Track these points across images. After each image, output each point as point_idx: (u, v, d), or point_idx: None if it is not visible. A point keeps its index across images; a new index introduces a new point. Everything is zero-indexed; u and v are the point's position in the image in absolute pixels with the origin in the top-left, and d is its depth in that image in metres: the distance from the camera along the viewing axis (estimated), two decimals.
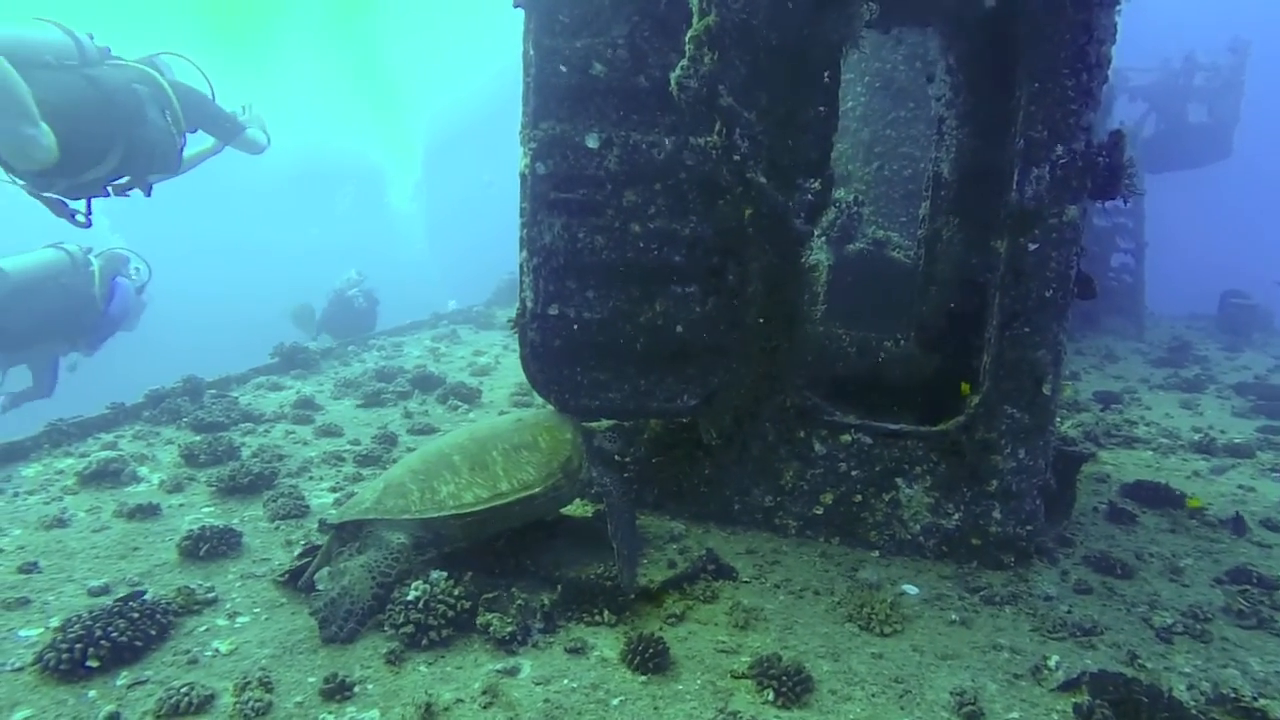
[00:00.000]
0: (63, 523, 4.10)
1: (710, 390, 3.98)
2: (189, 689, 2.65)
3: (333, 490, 4.76)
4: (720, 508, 4.28)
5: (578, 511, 4.24)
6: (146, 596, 3.27)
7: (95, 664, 2.78)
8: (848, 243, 6.60)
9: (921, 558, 4.03)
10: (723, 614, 3.38)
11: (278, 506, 4.33)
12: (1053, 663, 3.08)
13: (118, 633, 2.87)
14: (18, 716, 2.56)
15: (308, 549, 3.66)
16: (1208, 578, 4.02)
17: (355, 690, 2.74)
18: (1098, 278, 3.99)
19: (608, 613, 3.27)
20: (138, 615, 2.97)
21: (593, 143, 3.70)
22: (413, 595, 3.12)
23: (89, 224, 5.75)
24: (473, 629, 3.10)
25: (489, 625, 3.07)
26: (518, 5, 3.67)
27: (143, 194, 5.99)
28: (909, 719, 2.74)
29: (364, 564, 3.25)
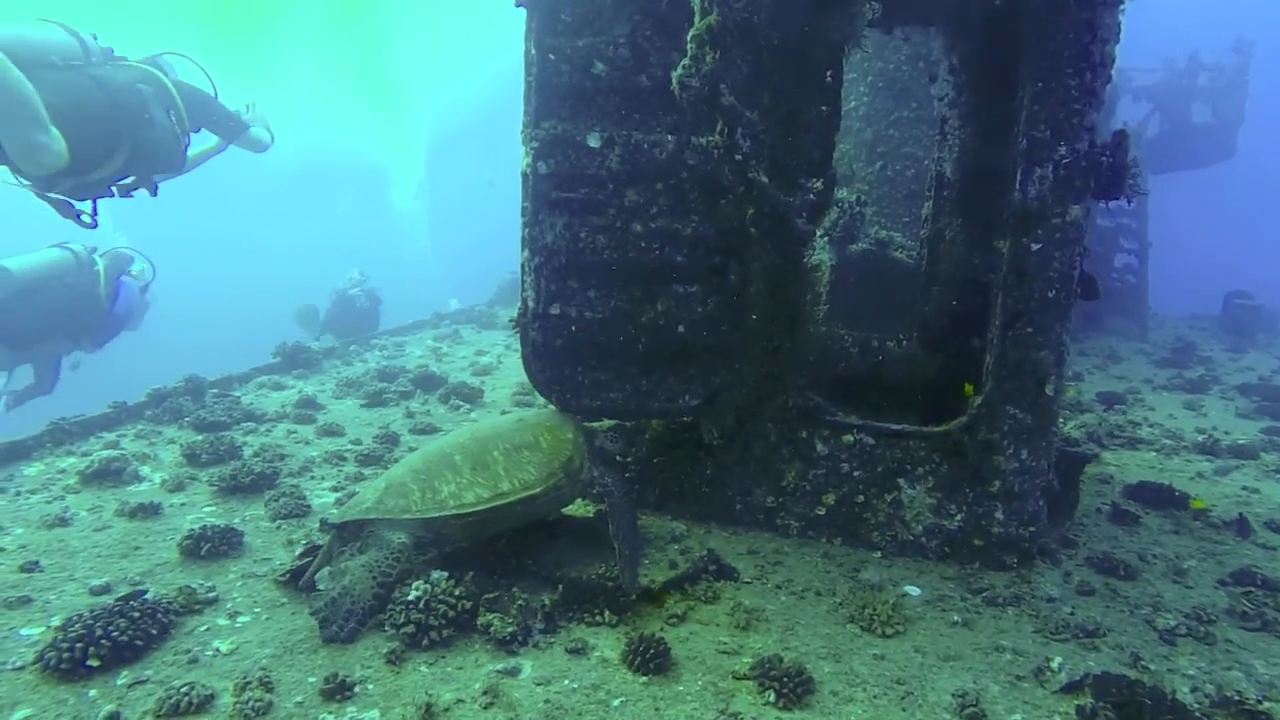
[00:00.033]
0: (64, 522, 4.10)
1: (712, 390, 3.97)
2: (189, 688, 2.65)
3: (334, 490, 4.76)
4: (722, 508, 4.28)
5: (579, 511, 4.24)
6: (147, 596, 3.28)
7: (96, 663, 2.78)
8: (850, 243, 6.59)
9: (924, 559, 4.02)
10: (724, 615, 3.38)
11: (279, 506, 4.33)
12: (1055, 664, 3.07)
13: (118, 632, 2.87)
14: (18, 715, 2.56)
15: (309, 548, 3.66)
16: (1211, 579, 4.01)
17: (355, 690, 2.74)
18: (1101, 278, 3.97)
19: (609, 613, 3.27)
20: (138, 614, 2.97)
21: (594, 142, 3.69)
22: (413, 595, 3.12)
23: (95, 225, 5.76)
24: (473, 629, 3.10)
25: (490, 625, 3.07)
26: (519, 4, 3.67)
27: (149, 193, 6.01)
28: None
29: (365, 564, 3.25)
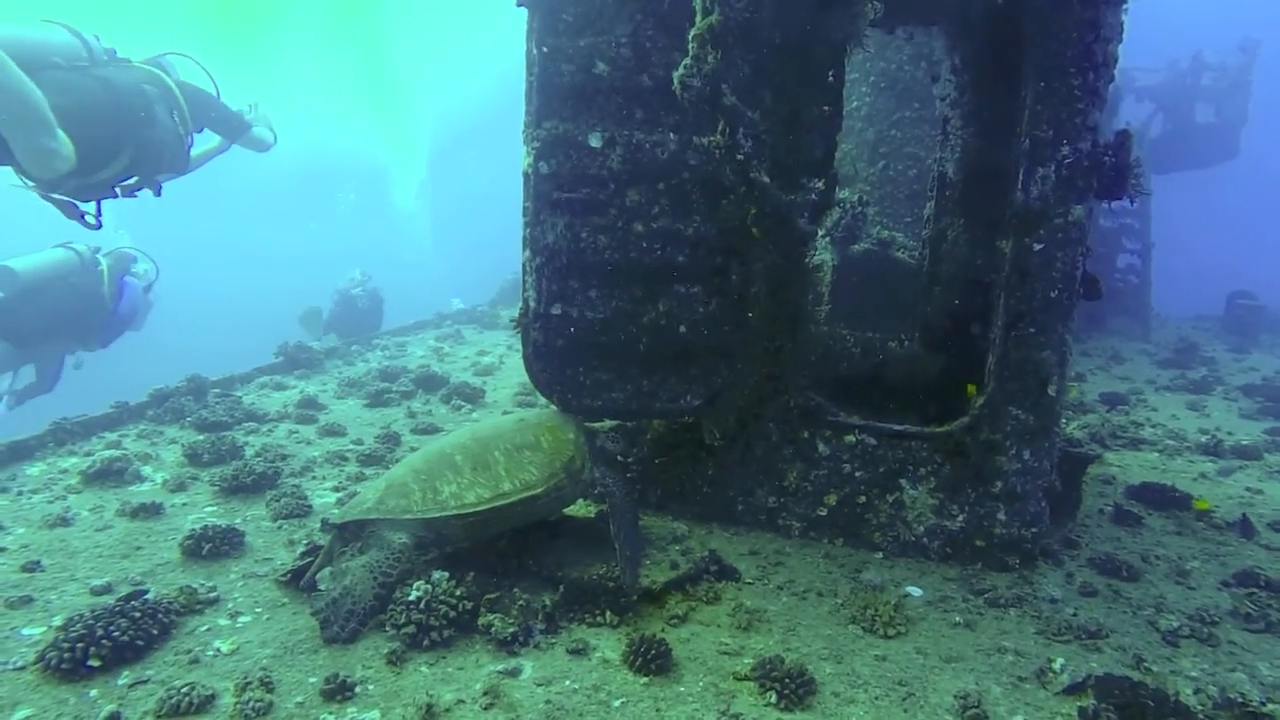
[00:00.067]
0: (66, 521, 4.11)
1: (713, 390, 3.97)
2: (190, 689, 2.65)
3: (336, 490, 4.76)
4: (723, 508, 4.27)
5: (580, 512, 4.23)
6: (149, 596, 3.28)
7: (97, 663, 2.78)
8: (852, 243, 6.58)
9: (925, 559, 4.01)
10: (725, 615, 3.37)
11: (280, 506, 4.33)
12: (1058, 666, 3.06)
13: (119, 632, 2.87)
14: (19, 715, 2.56)
15: (310, 549, 3.66)
16: (1215, 580, 4.00)
17: (356, 691, 2.73)
18: (1103, 278, 3.96)
19: (610, 614, 3.26)
20: (139, 614, 2.97)
21: (596, 142, 3.69)
22: (414, 595, 3.11)
23: (99, 225, 5.77)
24: (474, 629, 3.10)
25: (491, 626, 3.06)
26: (521, 4, 3.66)
27: (153, 194, 6.02)
28: None
29: (366, 564, 3.24)
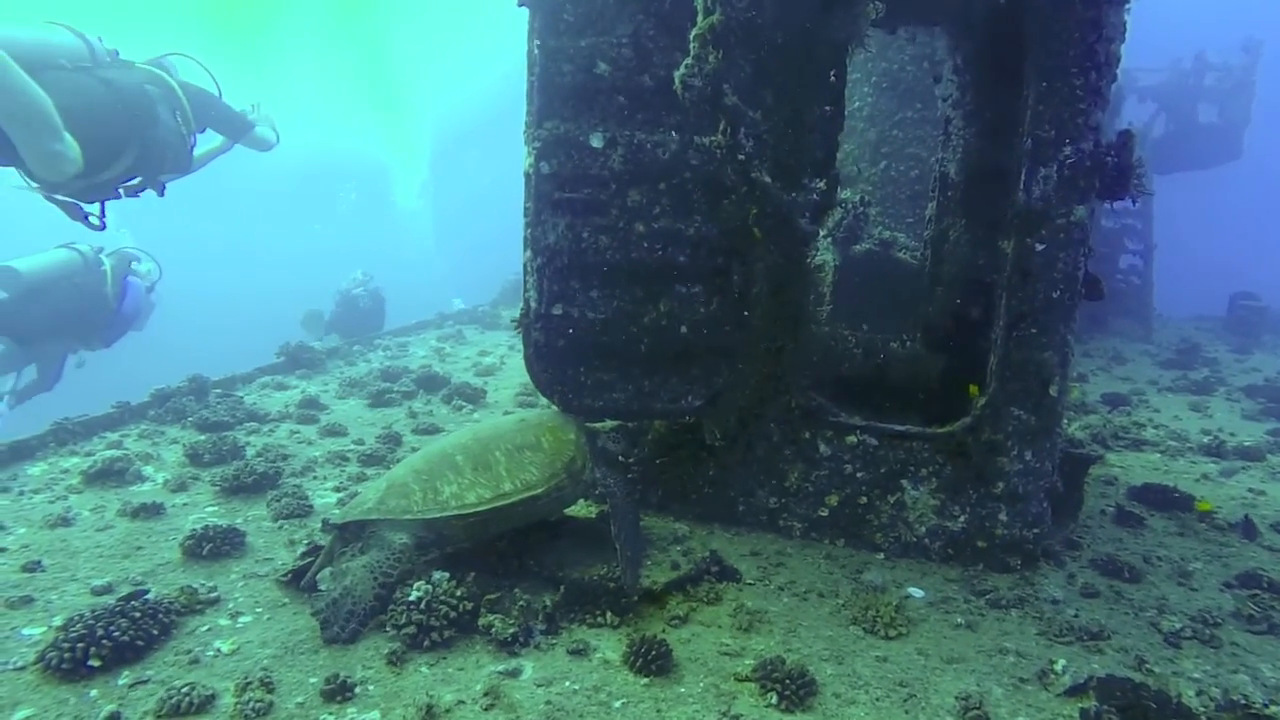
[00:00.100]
0: (67, 521, 4.11)
1: (715, 391, 3.96)
2: (190, 689, 2.65)
3: (337, 490, 4.76)
4: (724, 509, 4.26)
5: (581, 512, 4.22)
6: (149, 596, 3.28)
7: (97, 663, 2.78)
8: (854, 243, 6.57)
9: (927, 560, 4.00)
10: (726, 616, 3.36)
11: (281, 506, 4.33)
12: (1059, 667, 3.05)
13: (120, 632, 2.87)
14: (19, 715, 2.56)
15: (311, 549, 3.65)
16: (1217, 582, 3.98)
17: (356, 691, 2.73)
18: (1105, 279, 3.95)
19: (610, 614, 3.26)
20: (140, 614, 2.97)
21: (597, 142, 3.68)
22: (415, 596, 3.11)
23: (103, 226, 5.78)
24: (475, 630, 3.10)
25: (491, 626, 3.06)
26: (522, 4, 3.66)
27: (156, 194, 6.03)
28: None
29: (366, 564, 3.24)
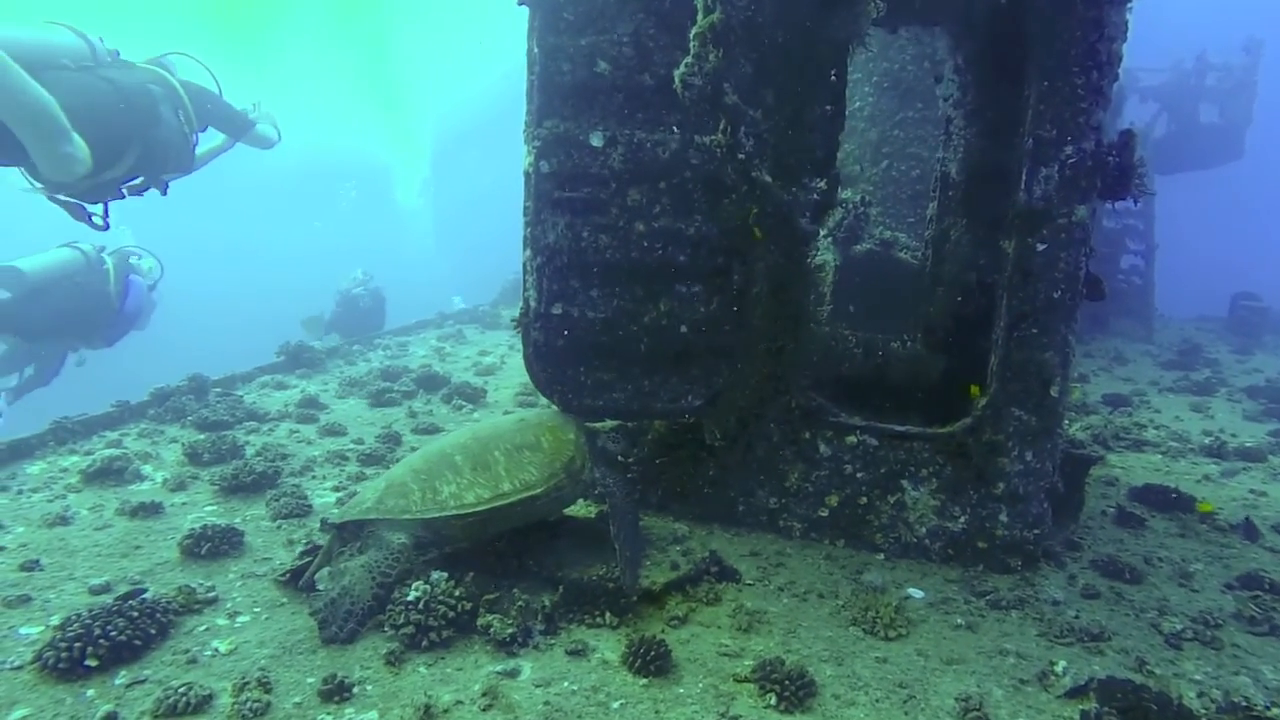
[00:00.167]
0: (65, 520, 4.10)
1: (715, 391, 3.95)
2: (187, 689, 2.64)
3: (336, 490, 4.75)
4: (724, 509, 4.25)
5: (581, 512, 4.22)
6: (147, 595, 3.27)
7: (94, 663, 2.77)
8: (854, 243, 6.56)
9: (927, 561, 3.99)
10: (726, 616, 3.35)
11: (280, 506, 4.32)
12: (1060, 668, 3.04)
13: (117, 631, 2.86)
14: (16, 715, 2.56)
15: (309, 548, 3.65)
16: (1218, 583, 3.97)
17: (354, 691, 2.72)
18: (1107, 279, 3.94)
19: (609, 614, 3.25)
20: (137, 614, 2.96)
21: (597, 141, 3.68)
22: (413, 596, 3.10)
23: (106, 226, 5.78)
24: (473, 630, 3.09)
25: (489, 626, 3.05)
26: (522, 3, 3.65)
27: (159, 193, 6.03)
28: None
29: (364, 564, 3.23)
